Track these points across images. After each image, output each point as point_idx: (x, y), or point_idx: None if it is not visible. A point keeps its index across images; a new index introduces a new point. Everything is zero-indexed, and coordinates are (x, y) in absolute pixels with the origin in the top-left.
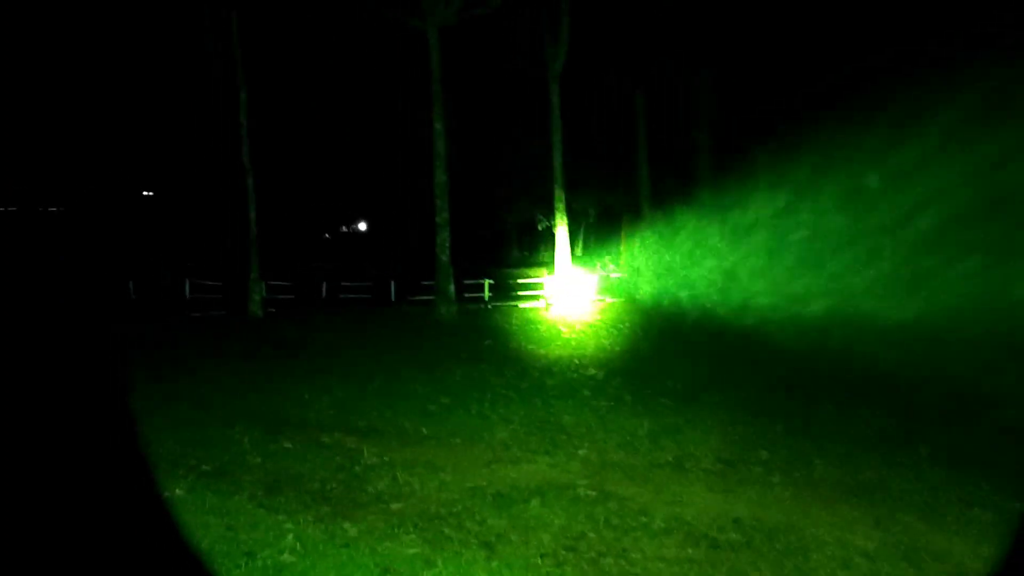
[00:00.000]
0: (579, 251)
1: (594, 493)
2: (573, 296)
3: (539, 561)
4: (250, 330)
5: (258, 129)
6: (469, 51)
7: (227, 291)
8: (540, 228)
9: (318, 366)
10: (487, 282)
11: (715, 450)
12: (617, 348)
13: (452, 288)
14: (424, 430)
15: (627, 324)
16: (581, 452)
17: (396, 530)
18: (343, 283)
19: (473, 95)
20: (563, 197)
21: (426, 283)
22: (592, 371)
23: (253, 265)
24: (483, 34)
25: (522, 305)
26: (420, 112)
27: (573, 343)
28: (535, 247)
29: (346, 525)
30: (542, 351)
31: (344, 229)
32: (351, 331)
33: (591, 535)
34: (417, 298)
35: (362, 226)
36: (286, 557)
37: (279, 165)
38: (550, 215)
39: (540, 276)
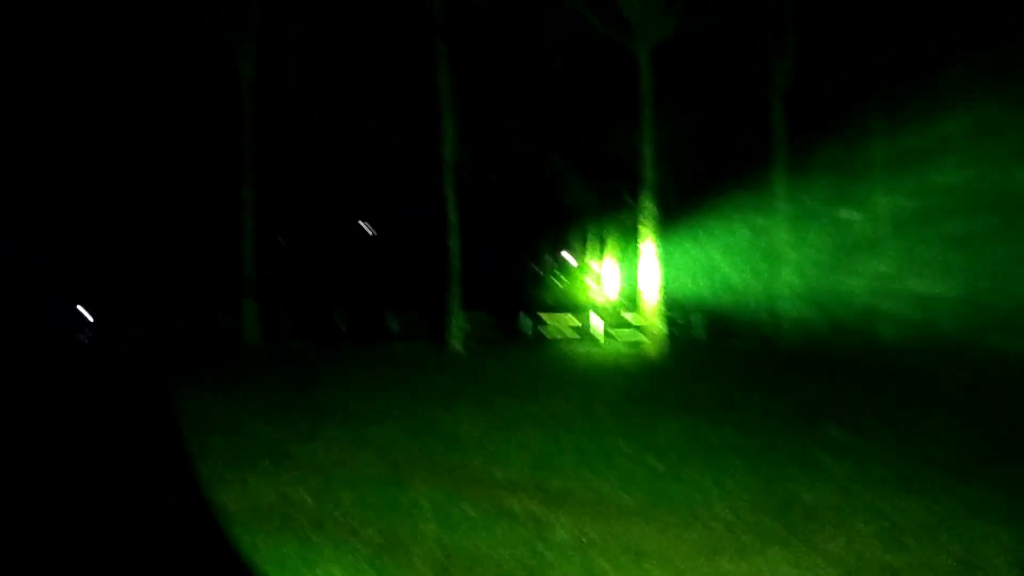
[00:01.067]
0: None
1: None
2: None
3: None
4: (449, 367)
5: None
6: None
7: (428, 323)
8: None
9: (515, 413)
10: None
11: (1010, 550)
12: (833, 394)
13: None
14: (627, 500)
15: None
16: (830, 545)
17: None
18: (544, 314)
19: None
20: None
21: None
22: (832, 431)
23: (454, 297)
24: (694, 50)
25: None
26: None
27: (782, 387)
28: None
29: None
30: (755, 396)
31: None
32: (551, 372)
33: None
34: (618, 329)
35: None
36: None
37: (481, 195)
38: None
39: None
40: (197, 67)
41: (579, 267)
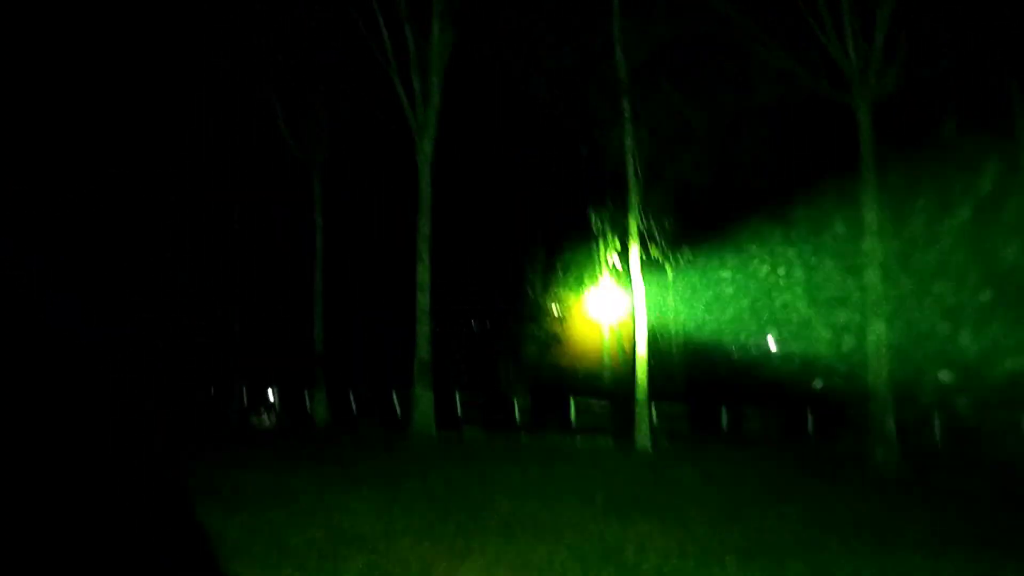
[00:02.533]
0: None
1: None
2: None
3: None
4: (634, 470)
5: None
6: None
7: (614, 414)
8: None
9: (712, 537)
10: None
11: None
12: None
13: (891, 426)
14: None
15: None
16: None
17: None
18: (746, 406)
19: None
20: None
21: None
22: None
23: (638, 385)
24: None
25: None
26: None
27: None
28: None
29: None
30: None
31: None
32: (756, 484)
33: None
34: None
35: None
36: None
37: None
38: None
39: None
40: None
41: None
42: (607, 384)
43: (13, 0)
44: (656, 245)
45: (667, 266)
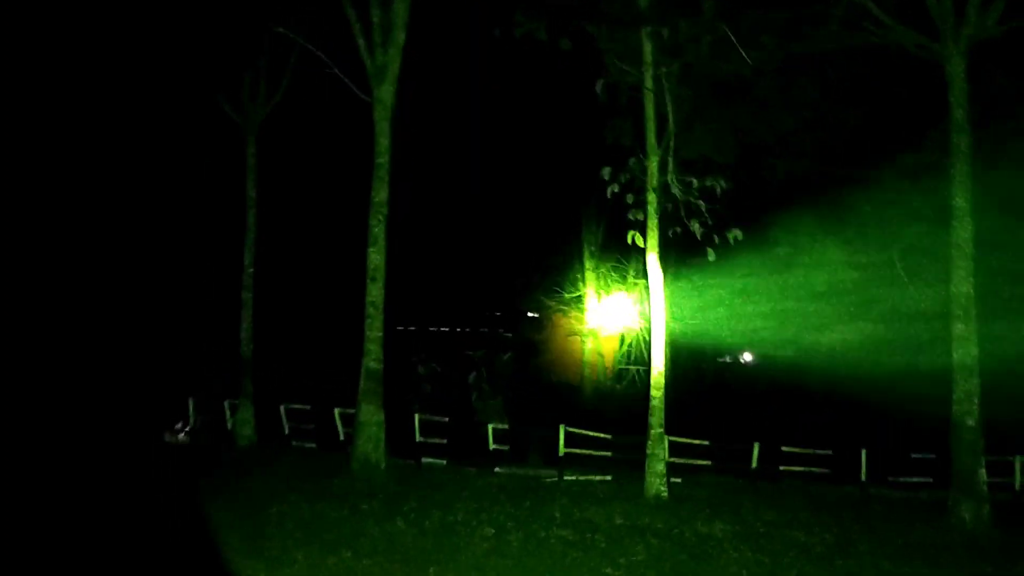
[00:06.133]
0: None
1: None
2: None
3: None
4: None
5: None
6: None
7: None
8: None
9: None
10: None
11: None
12: None
13: (982, 474)
14: None
15: None
16: None
17: None
18: (783, 446)
19: None
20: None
21: (916, 455)
22: None
23: (653, 409)
24: None
25: None
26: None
27: None
28: None
29: None
30: None
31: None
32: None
33: None
34: (902, 479)
35: (747, 356)
36: None
37: None
38: None
39: None
40: None
41: None
42: (588, 400)
43: None
44: (696, 219)
45: (709, 250)
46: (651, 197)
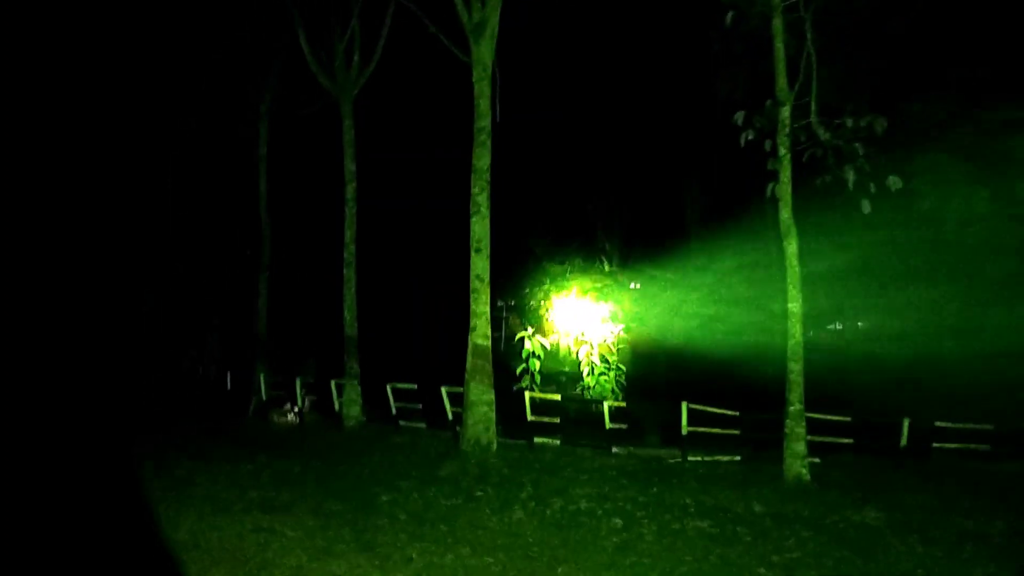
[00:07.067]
0: None
1: None
2: None
3: None
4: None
5: None
6: None
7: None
8: None
9: None
10: None
11: None
12: None
13: None
14: None
15: None
16: None
17: None
18: (937, 422)
19: None
20: None
21: None
22: None
23: (792, 399)
24: None
25: None
26: None
27: None
28: None
29: None
30: None
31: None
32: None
33: None
34: None
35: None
36: None
37: None
38: None
39: None
40: None
41: None
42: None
43: None
44: (850, 165)
45: (864, 201)
46: (783, 142)
